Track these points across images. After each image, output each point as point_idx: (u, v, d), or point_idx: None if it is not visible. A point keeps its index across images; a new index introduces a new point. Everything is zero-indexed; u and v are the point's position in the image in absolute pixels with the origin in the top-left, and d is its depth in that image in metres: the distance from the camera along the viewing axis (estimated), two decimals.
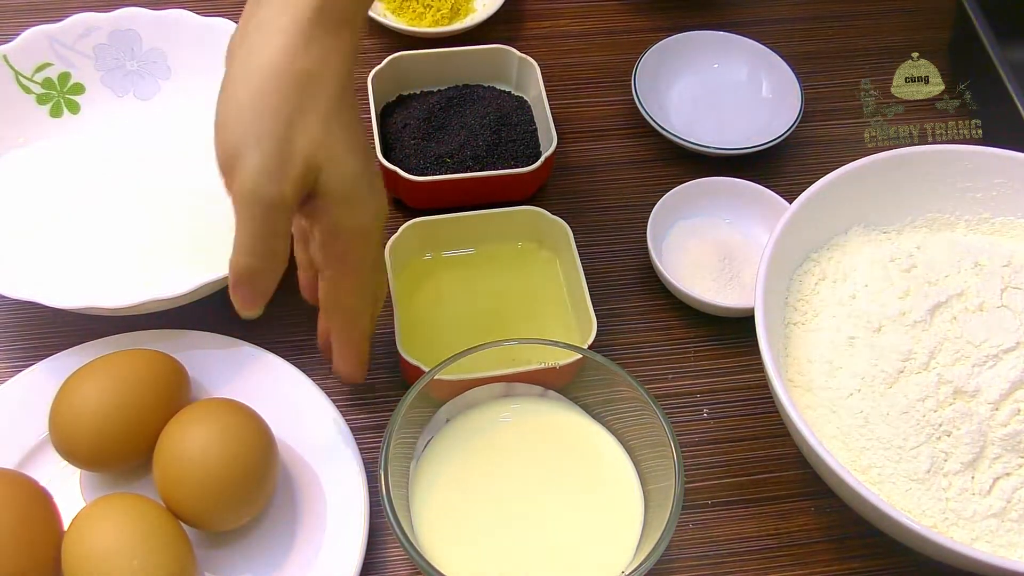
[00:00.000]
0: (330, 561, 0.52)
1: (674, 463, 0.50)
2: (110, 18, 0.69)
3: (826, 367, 0.55)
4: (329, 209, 0.46)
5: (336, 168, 0.44)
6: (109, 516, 0.49)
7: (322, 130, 0.43)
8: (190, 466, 0.50)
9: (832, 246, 0.60)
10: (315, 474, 0.55)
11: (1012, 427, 0.51)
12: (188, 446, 0.50)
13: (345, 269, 0.49)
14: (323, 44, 0.44)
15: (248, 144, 0.43)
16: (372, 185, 0.47)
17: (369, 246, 0.49)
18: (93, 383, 0.53)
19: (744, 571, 0.56)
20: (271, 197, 0.43)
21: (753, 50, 0.77)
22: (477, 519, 0.52)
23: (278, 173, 0.43)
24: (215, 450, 0.50)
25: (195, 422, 0.51)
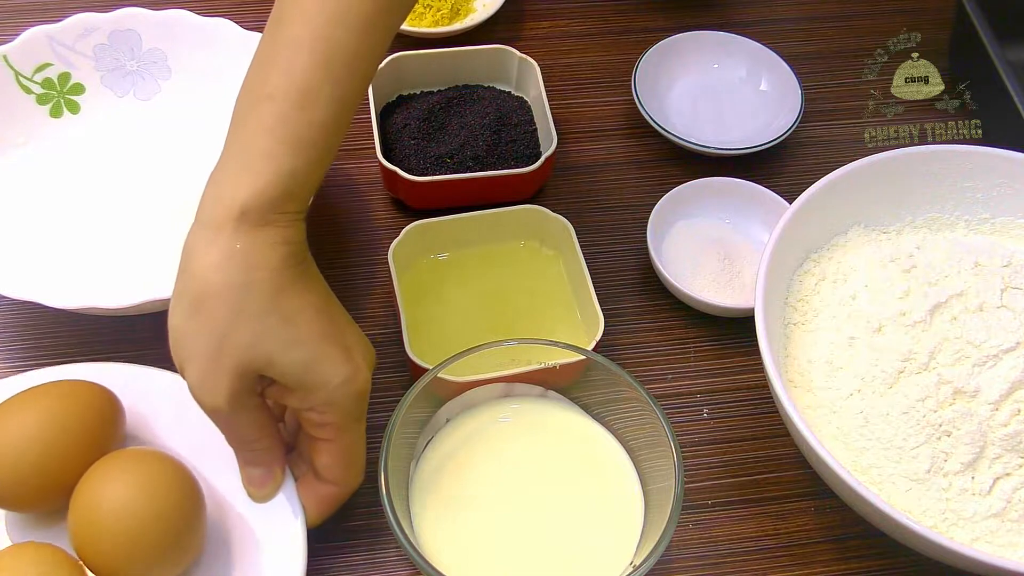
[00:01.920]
0: None
1: (674, 463, 0.50)
2: (110, 18, 0.69)
3: (826, 367, 0.55)
4: (285, 396, 0.49)
5: (277, 364, 0.46)
6: (14, 568, 0.46)
7: (254, 335, 0.45)
8: (106, 521, 0.47)
9: (832, 246, 0.60)
10: (250, 529, 0.52)
11: (1012, 427, 0.51)
12: (105, 499, 0.48)
13: (320, 444, 0.50)
14: (251, 250, 0.45)
15: (187, 360, 0.47)
16: (340, 358, 0.48)
17: (346, 419, 0.49)
18: (17, 415, 0.50)
19: (744, 571, 0.56)
20: (209, 406, 0.47)
21: (753, 50, 0.77)
22: (477, 519, 0.52)
23: (210, 386, 0.46)
24: (134, 505, 0.47)
25: (114, 474, 0.49)
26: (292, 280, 0.47)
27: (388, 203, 0.70)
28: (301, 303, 0.47)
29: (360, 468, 0.52)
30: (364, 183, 0.71)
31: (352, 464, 0.51)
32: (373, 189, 0.71)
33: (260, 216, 0.46)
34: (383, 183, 0.69)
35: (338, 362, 0.47)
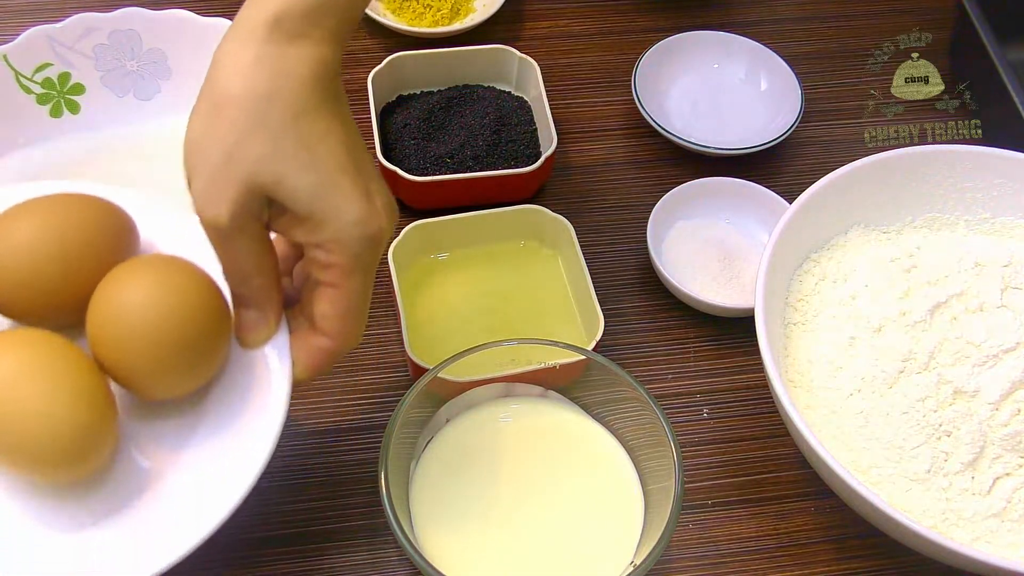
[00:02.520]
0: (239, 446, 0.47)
1: (674, 463, 0.50)
2: (110, 18, 0.69)
3: (826, 367, 0.55)
4: (293, 228, 0.45)
5: (287, 186, 0.43)
6: (15, 343, 0.43)
7: (269, 150, 0.43)
8: (128, 321, 0.44)
9: (832, 246, 0.60)
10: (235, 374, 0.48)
11: (1012, 427, 0.51)
12: (128, 299, 0.44)
13: (322, 290, 0.46)
14: (280, 60, 0.43)
15: (194, 170, 0.44)
16: (355, 196, 0.44)
17: (354, 263, 0.45)
18: (25, 224, 0.46)
19: (744, 571, 0.56)
20: (209, 220, 0.44)
21: (753, 50, 0.77)
22: (477, 519, 0.52)
23: (215, 196, 0.43)
24: (159, 306, 0.44)
25: (138, 275, 0.45)
26: (318, 103, 0.44)
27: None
28: (324, 128, 0.44)
29: (360, 325, 0.48)
30: None
31: (351, 316, 0.47)
32: None
33: (294, 26, 0.43)
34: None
35: (353, 198, 0.44)
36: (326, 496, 0.57)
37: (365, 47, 0.79)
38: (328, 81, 0.45)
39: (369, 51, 0.78)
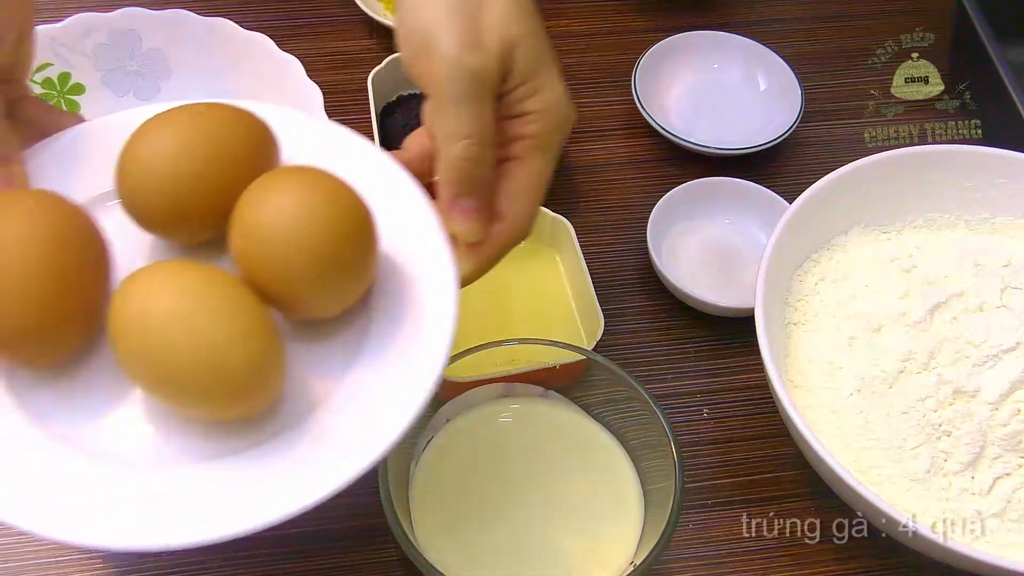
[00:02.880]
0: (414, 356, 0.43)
1: (674, 463, 0.50)
2: (110, 18, 0.69)
3: (826, 367, 0.55)
4: (514, 91, 0.43)
5: (526, 47, 0.42)
6: (169, 274, 0.40)
7: (511, 9, 0.42)
8: (278, 232, 0.40)
9: (832, 246, 0.60)
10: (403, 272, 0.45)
11: (1012, 427, 0.51)
12: (276, 211, 0.40)
13: (507, 166, 0.44)
14: None
15: (440, 22, 0.42)
16: (558, 75, 0.44)
17: (547, 139, 0.44)
18: (168, 131, 0.43)
19: (744, 571, 0.56)
20: (475, 67, 0.41)
21: (753, 50, 0.77)
22: (477, 519, 0.52)
23: (477, 45, 0.41)
24: (310, 217, 0.40)
25: (285, 185, 0.42)
26: None
27: None
28: (536, 10, 0.44)
29: (534, 213, 0.45)
30: None
31: (530, 196, 0.45)
32: None
33: None
34: None
35: (559, 76, 0.44)
36: None
37: (365, 47, 0.79)
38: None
39: (369, 51, 0.78)
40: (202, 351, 0.38)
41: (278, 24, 0.79)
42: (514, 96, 0.43)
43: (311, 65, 0.68)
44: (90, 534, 0.37)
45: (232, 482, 0.39)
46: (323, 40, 0.79)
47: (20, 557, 0.54)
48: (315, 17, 0.81)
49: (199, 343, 0.38)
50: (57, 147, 0.48)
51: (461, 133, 0.42)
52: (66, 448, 0.40)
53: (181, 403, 0.40)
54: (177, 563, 0.55)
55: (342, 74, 0.76)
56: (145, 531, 0.38)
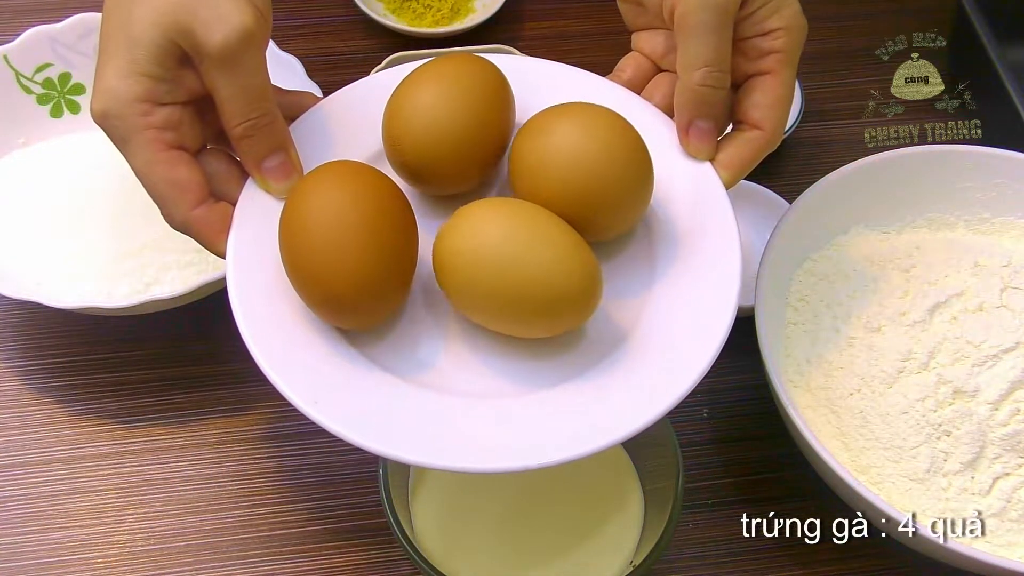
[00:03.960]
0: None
1: (674, 463, 0.50)
2: None
3: (826, 367, 0.55)
4: (757, 12, 0.46)
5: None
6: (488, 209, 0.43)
7: None
8: (574, 162, 0.43)
9: (832, 246, 0.60)
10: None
11: (1012, 427, 0.51)
12: (561, 141, 0.44)
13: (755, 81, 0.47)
14: None
15: None
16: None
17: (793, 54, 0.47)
18: (427, 87, 0.46)
19: (744, 571, 0.56)
20: (721, 1, 0.44)
21: None
22: (477, 519, 0.52)
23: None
24: (599, 143, 0.43)
25: (562, 121, 0.45)
26: None
27: None
28: None
29: (785, 119, 0.48)
30: None
31: (782, 105, 0.47)
32: None
33: None
34: None
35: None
36: (326, 496, 0.57)
37: (365, 47, 0.79)
38: None
39: (369, 51, 0.78)
40: (544, 266, 0.41)
41: (278, 24, 0.77)
42: (758, 15, 0.46)
43: (311, 65, 0.68)
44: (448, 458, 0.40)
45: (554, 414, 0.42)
46: (323, 40, 0.79)
47: (21, 557, 0.55)
48: (315, 17, 0.81)
49: (541, 260, 0.41)
50: (309, 126, 0.48)
51: (702, 60, 0.45)
52: (410, 385, 0.42)
53: (525, 320, 0.42)
54: (177, 563, 0.55)
55: (342, 74, 0.76)
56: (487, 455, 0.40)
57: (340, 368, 0.42)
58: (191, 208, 0.44)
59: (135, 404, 0.60)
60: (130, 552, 0.55)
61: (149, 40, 0.41)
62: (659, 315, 0.45)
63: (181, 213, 0.44)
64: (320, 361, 0.42)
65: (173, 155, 0.43)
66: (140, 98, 0.42)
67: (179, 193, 0.43)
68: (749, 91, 0.47)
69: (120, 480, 0.58)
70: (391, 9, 0.80)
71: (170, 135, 0.43)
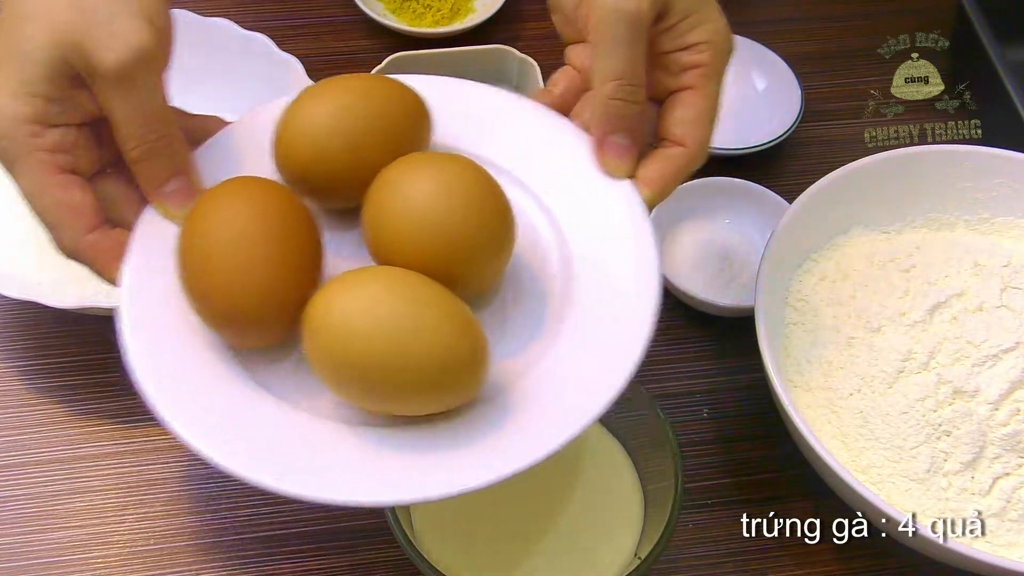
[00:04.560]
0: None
1: (674, 463, 0.50)
2: None
3: (826, 367, 0.56)
4: (677, 25, 0.45)
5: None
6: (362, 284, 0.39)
7: None
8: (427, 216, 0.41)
9: (832, 246, 0.60)
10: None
11: (1012, 427, 0.51)
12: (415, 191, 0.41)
13: (677, 96, 0.46)
14: None
15: None
16: (716, 5, 0.46)
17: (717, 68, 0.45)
18: (319, 99, 0.45)
19: (744, 571, 0.56)
20: (631, 12, 0.42)
21: (753, 50, 0.77)
22: (477, 519, 0.52)
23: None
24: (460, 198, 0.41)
25: (421, 169, 0.43)
26: None
27: None
28: None
29: (710, 136, 0.46)
30: None
31: (706, 121, 0.46)
32: None
33: None
34: None
35: (720, 10, 0.46)
36: None
37: (365, 47, 0.79)
38: None
39: (369, 51, 0.78)
40: (432, 347, 0.38)
41: (278, 24, 0.79)
42: (679, 29, 0.45)
43: (311, 65, 0.68)
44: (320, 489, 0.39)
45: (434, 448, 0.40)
46: (323, 40, 0.79)
47: (21, 557, 0.55)
48: (315, 17, 0.81)
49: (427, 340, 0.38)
50: (214, 150, 0.47)
51: (613, 73, 0.43)
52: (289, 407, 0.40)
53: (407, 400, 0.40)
54: (177, 563, 0.55)
55: (342, 74, 0.76)
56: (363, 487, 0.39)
57: (235, 398, 0.40)
58: (83, 233, 0.42)
59: (135, 404, 0.60)
60: (130, 552, 0.55)
61: (41, 58, 0.40)
62: (563, 350, 0.43)
63: (71, 238, 0.42)
64: (214, 391, 0.40)
65: (64, 179, 0.41)
66: (29, 119, 0.40)
67: (70, 217, 0.42)
68: (671, 107, 0.46)
69: (120, 480, 0.58)
70: (391, 9, 0.80)
71: (62, 158, 0.41)
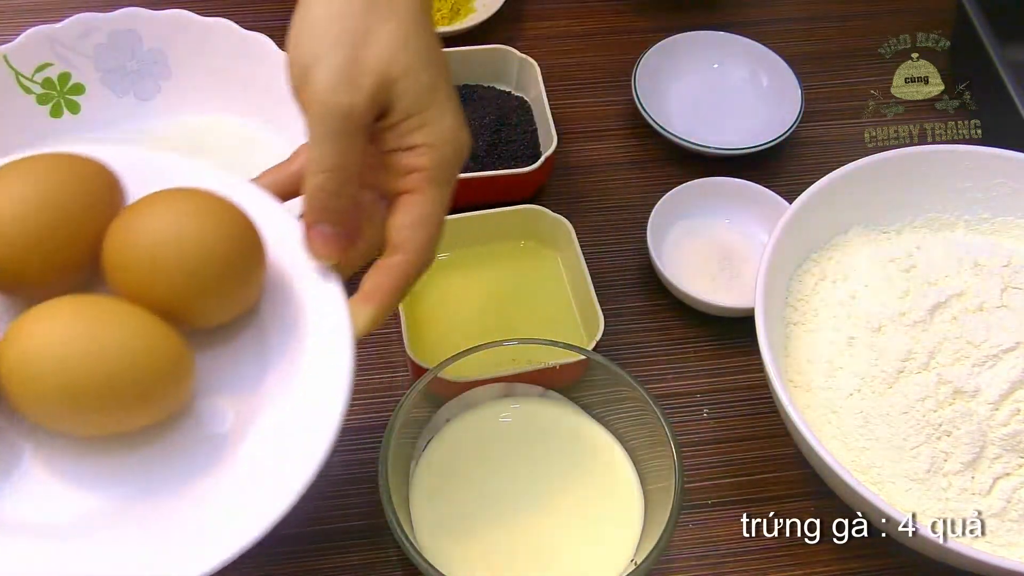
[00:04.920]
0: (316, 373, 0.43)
1: (674, 463, 0.50)
2: (110, 18, 0.69)
3: (826, 367, 0.55)
4: (399, 125, 0.44)
5: (410, 81, 0.43)
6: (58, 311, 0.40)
7: (397, 44, 0.42)
8: (161, 247, 0.41)
9: (832, 246, 0.60)
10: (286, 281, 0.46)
11: (1012, 427, 0.51)
12: (155, 228, 0.41)
13: (400, 200, 0.45)
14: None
15: (320, 56, 0.42)
16: (450, 107, 0.44)
17: (440, 172, 0.44)
18: (6, 186, 0.43)
19: (744, 571, 0.56)
20: (343, 107, 0.42)
21: (753, 50, 0.77)
22: (477, 519, 0.52)
23: (350, 83, 0.42)
24: (191, 230, 0.41)
25: (158, 205, 0.42)
26: (427, 15, 0.45)
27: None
28: (434, 39, 0.44)
29: (434, 243, 0.45)
30: None
31: (428, 227, 0.45)
32: None
33: None
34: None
35: (450, 106, 0.44)
36: (326, 496, 0.57)
37: None
38: (427, 7, 0.45)
39: None
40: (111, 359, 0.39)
41: (278, 24, 0.78)
42: (402, 128, 0.44)
43: None
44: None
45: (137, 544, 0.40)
46: None
47: None
48: None
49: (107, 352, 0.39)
50: None
51: (319, 166, 0.43)
52: None
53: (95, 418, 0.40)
54: None
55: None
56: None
57: None
58: None
59: None
60: None
61: None
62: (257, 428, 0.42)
63: None
64: None
65: None
66: None
67: None
68: (394, 210, 0.45)
69: None
70: None
71: None
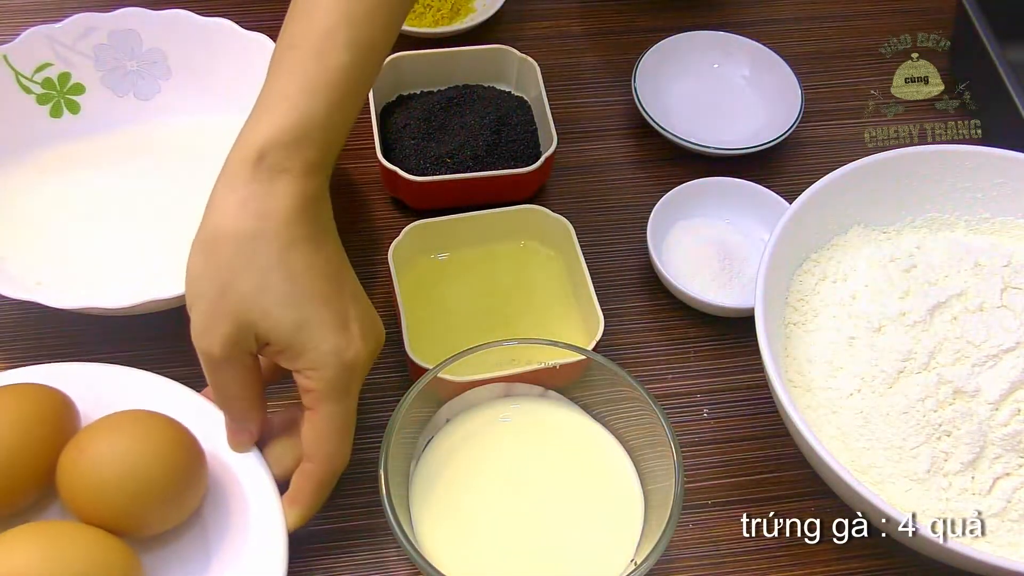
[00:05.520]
0: None
1: (674, 463, 0.50)
2: (110, 18, 0.69)
3: (826, 367, 0.56)
4: (277, 356, 0.49)
5: (271, 323, 0.47)
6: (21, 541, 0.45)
7: (256, 287, 0.46)
8: (108, 470, 0.47)
9: (832, 246, 0.60)
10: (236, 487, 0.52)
11: (1012, 427, 0.51)
12: (102, 452, 0.48)
13: (306, 415, 0.50)
14: (265, 199, 0.46)
15: (192, 305, 0.48)
16: (329, 330, 0.47)
17: (331, 390, 0.49)
18: None
19: (744, 571, 0.56)
20: (203, 350, 0.48)
21: (753, 50, 0.77)
22: (477, 519, 0.52)
23: (208, 332, 0.47)
24: (135, 452, 0.48)
25: (106, 430, 0.49)
26: (304, 237, 0.47)
27: (388, 203, 0.70)
28: (308, 262, 0.47)
29: (342, 448, 0.50)
30: (364, 183, 0.71)
31: (330, 439, 0.50)
32: (373, 189, 0.71)
33: (277, 161, 0.46)
34: (383, 183, 0.69)
35: (330, 328, 0.47)
36: None
37: None
38: (312, 212, 0.48)
39: None
40: None
41: (278, 24, 0.78)
42: (287, 355, 0.48)
43: None
44: None
45: None
46: None
47: None
48: None
49: None
50: None
51: (211, 386, 0.50)
52: None
53: None
54: None
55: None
56: None
57: None
58: None
59: None
60: None
61: None
62: None
63: None
64: None
65: None
66: None
67: None
68: (304, 424, 0.50)
69: None
70: None
71: None
